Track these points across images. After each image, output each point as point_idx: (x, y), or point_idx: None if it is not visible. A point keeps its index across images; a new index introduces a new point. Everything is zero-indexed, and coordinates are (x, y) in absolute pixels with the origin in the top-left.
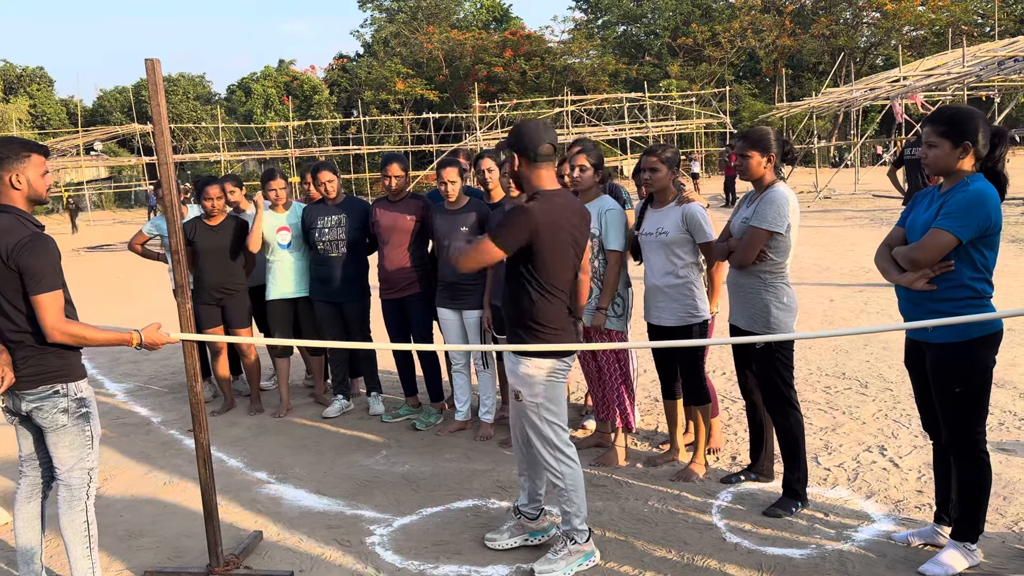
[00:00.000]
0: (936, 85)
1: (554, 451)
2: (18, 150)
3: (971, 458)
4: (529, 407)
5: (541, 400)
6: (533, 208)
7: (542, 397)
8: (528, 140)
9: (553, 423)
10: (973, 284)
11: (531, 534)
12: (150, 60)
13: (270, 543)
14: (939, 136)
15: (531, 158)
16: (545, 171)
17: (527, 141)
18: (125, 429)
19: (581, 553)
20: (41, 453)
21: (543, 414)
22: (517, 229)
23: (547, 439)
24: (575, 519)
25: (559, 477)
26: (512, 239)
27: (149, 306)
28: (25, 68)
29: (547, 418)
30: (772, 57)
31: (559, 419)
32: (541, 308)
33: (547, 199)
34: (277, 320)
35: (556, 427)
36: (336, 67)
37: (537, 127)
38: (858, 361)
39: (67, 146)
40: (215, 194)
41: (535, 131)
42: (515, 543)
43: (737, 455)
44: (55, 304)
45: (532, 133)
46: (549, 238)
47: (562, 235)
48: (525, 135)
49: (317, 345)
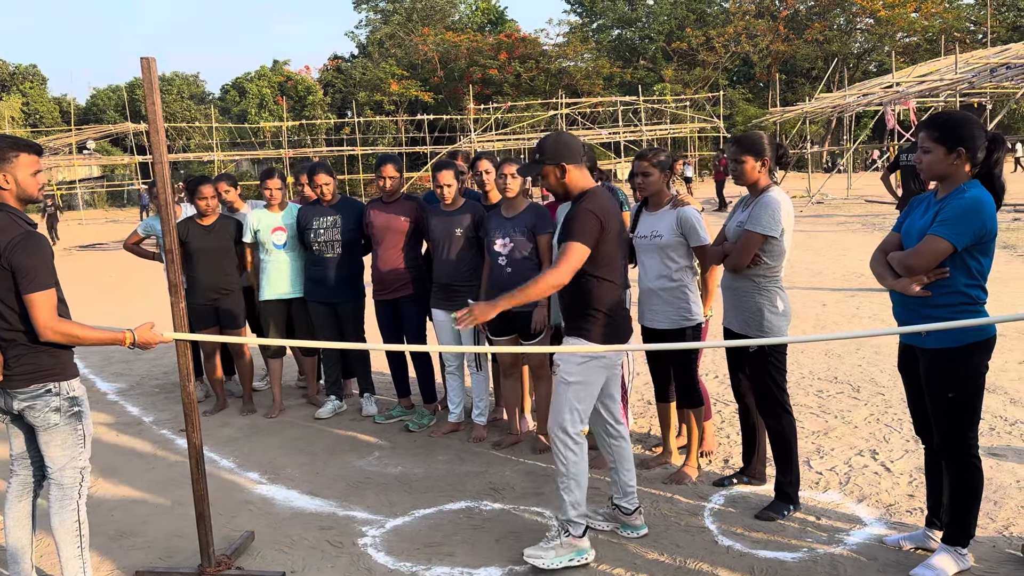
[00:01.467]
0: (929, 91)
1: (565, 436)
2: (6, 149)
3: (963, 463)
4: (560, 382)
5: (573, 380)
6: (596, 206)
7: (575, 377)
8: (569, 148)
9: (576, 409)
10: (967, 290)
11: (623, 527)
12: (146, 59)
13: (262, 544)
14: (933, 142)
15: (577, 161)
16: (584, 171)
17: (568, 149)
18: (117, 428)
19: (574, 548)
20: (32, 452)
21: (570, 395)
22: (593, 228)
23: (563, 421)
24: (571, 510)
25: (564, 463)
26: (592, 238)
27: (142, 305)
28: (18, 66)
29: (572, 401)
30: (766, 62)
31: (582, 410)
32: (601, 295)
33: (598, 195)
34: (271, 320)
35: (577, 414)
36: (331, 68)
37: (565, 135)
38: (850, 365)
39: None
40: (208, 193)
41: (569, 139)
42: (608, 527)
43: (730, 458)
44: (48, 303)
45: (569, 140)
46: (609, 230)
47: (615, 225)
48: (564, 144)
49: (310, 345)
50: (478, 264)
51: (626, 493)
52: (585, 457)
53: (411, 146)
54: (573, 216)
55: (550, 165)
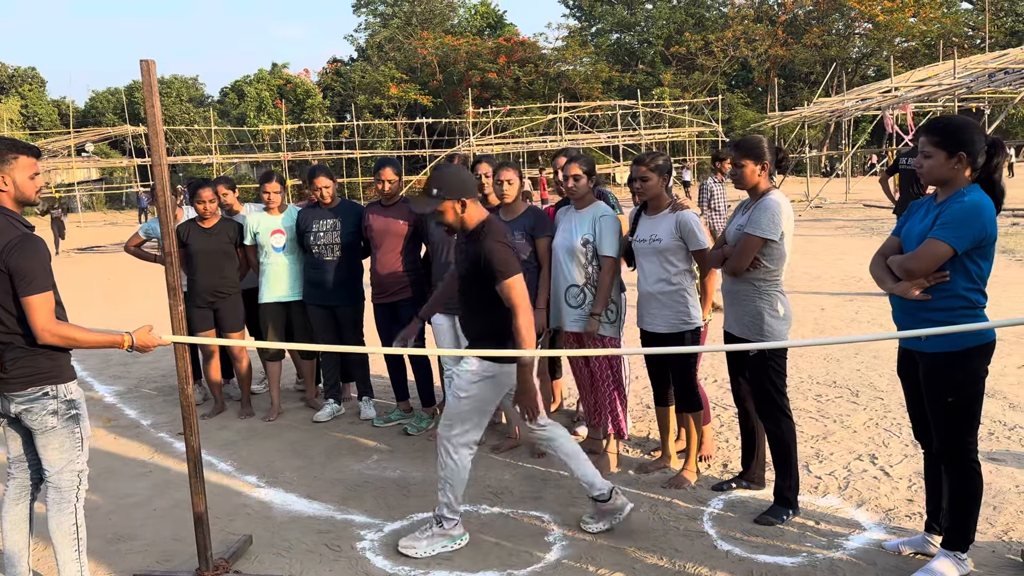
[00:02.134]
0: (927, 96)
1: (449, 444)
2: (5, 151)
3: (962, 467)
4: (454, 395)
5: (463, 395)
6: (503, 238)
7: (466, 393)
8: (467, 183)
9: (465, 421)
10: (967, 294)
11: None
12: (145, 61)
13: (260, 547)
14: (934, 146)
15: (474, 195)
16: (478, 204)
17: (467, 184)
18: (115, 431)
19: (447, 537)
20: (30, 455)
21: (461, 409)
22: (513, 257)
23: (451, 431)
24: (446, 508)
25: (443, 467)
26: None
27: (140, 308)
28: (17, 68)
29: (463, 414)
30: (764, 67)
31: (473, 424)
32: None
33: (495, 225)
34: (270, 323)
35: (464, 426)
36: (330, 71)
37: (462, 169)
38: (849, 370)
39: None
40: (207, 197)
41: (466, 173)
42: (603, 526)
43: (728, 462)
44: (46, 305)
45: (467, 175)
46: None
47: None
48: (463, 179)
49: (309, 348)
50: None
51: (592, 484)
52: (464, 468)
53: (410, 149)
54: (491, 255)
55: (451, 201)
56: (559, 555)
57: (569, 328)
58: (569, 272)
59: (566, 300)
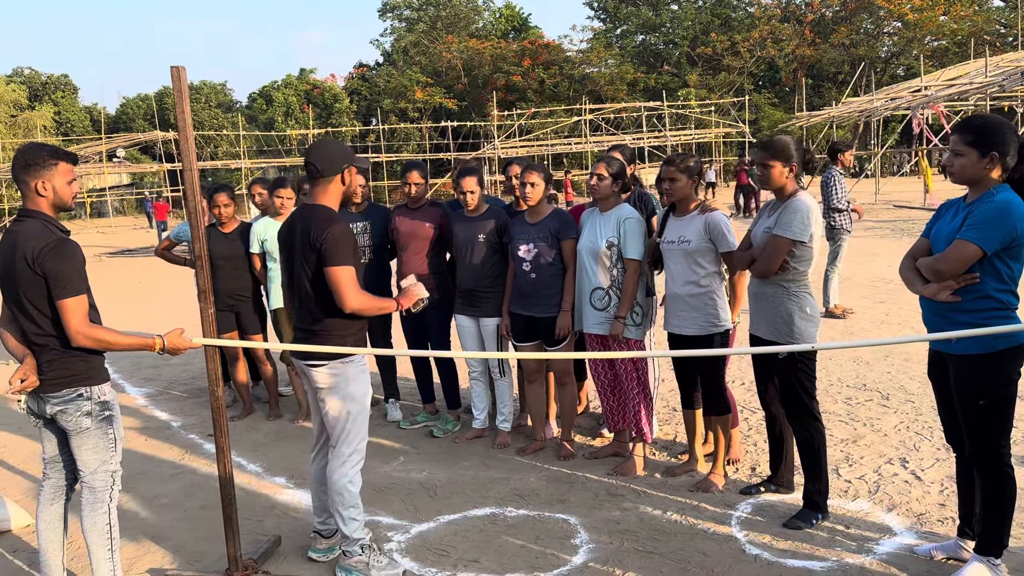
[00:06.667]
0: (958, 95)
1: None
2: (46, 158)
3: (995, 471)
4: None
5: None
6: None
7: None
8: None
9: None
10: (998, 295)
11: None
12: (175, 67)
13: (288, 548)
14: (967, 145)
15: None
16: None
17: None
18: (146, 433)
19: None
20: (65, 456)
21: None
22: None
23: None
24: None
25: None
26: None
27: (169, 311)
28: (50, 76)
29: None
30: (792, 67)
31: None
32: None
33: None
34: (286, 325)
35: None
36: (356, 76)
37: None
38: (879, 372)
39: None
40: (223, 201)
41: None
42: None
43: (757, 466)
44: (80, 308)
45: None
46: None
47: None
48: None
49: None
50: (501, 270)
51: (321, 513)
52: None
53: (435, 152)
54: (337, 240)
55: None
56: (585, 558)
57: (594, 331)
58: (594, 275)
59: (591, 303)
